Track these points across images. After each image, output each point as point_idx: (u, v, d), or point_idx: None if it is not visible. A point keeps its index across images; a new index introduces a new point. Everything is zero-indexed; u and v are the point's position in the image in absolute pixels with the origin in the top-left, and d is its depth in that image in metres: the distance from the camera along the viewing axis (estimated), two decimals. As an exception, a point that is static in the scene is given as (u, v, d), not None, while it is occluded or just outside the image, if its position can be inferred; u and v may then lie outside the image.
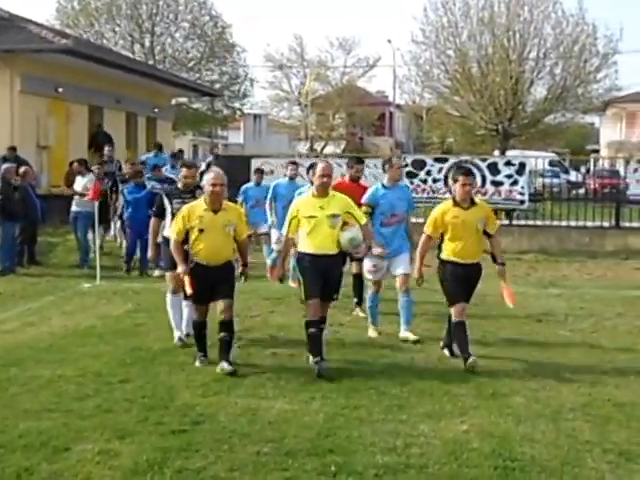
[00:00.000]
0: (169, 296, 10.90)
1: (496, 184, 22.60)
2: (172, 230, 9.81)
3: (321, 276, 9.53)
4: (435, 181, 22.63)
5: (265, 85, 65.99)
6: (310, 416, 7.79)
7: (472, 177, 10.14)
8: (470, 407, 8.14)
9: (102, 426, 7.39)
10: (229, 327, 9.43)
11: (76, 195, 18.79)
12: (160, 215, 10.93)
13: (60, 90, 27.00)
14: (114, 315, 13.01)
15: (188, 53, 50.24)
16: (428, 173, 22.67)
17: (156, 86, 33.59)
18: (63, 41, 25.67)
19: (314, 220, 9.56)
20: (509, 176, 22.45)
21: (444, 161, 23.42)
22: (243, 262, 9.94)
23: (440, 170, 22.81)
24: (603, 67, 38.90)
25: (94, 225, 17.72)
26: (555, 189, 28.13)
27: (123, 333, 11.59)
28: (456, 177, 10.03)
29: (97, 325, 12.21)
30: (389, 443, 7.04)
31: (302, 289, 9.65)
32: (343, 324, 12.03)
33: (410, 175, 22.53)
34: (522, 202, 22.71)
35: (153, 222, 11.06)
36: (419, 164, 23.11)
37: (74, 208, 18.72)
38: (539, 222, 23.75)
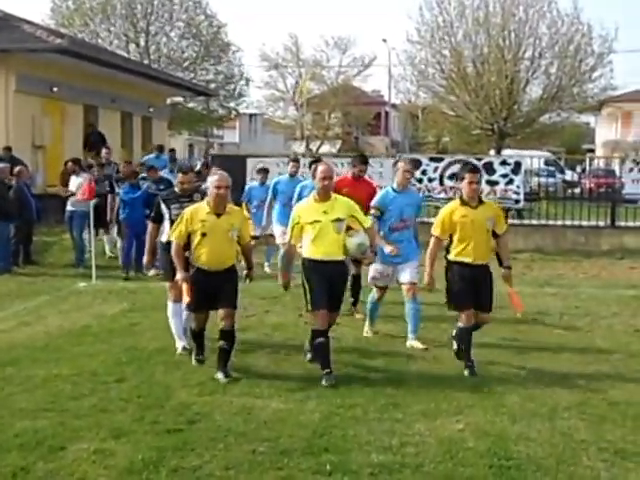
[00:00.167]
0: (170, 305, 10.53)
1: (491, 183, 22.58)
2: (173, 233, 9.46)
3: (328, 283, 9.17)
4: (430, 180, 22.63)
5: (260, 85, 66.06)
6: (305, 415, 7.80)
7: (479, 174, 9.77)
8: (465, 406, 8.15)
9: (98, 425, 7.39)
10: (229, 336, 9.19)
11: (70, 195, 18.73)
12: (158, 221, 10.57)
13: (55, 89, 26.97)
14: (110, 314, 13.00)
15: (183, 52, 50.27)
16: (423, 172, 22.65)
17: (151, 86, 33.58)
18: (58, 41, 25.64)
19: (318, 225, 9.17)
20: (504, 175, 22.45)
21: (439, 160, 23.44)
22: (248, 266, 9.72)
23: (435, 169, 22.83)
24: (598, 66, 38.92)
25: (90, 224, 17.67)
26: (551, 188, 28.16)
27: (119, 332, 11.58)
28: (462, 175, 9.62)
29: (93, 324, 12.20)
30: (384, 442, 7.05)
31: (308, 298, 9.26)
32: (339, 323, 11.98)
33: (405, 175, 22.51)
34: (517, 201, 22.71)
35: (151, 228, 10.73)
36: (414, 164, 23.08)
37: (69, 207, 18.68)
38: (534, 221, 23.76)
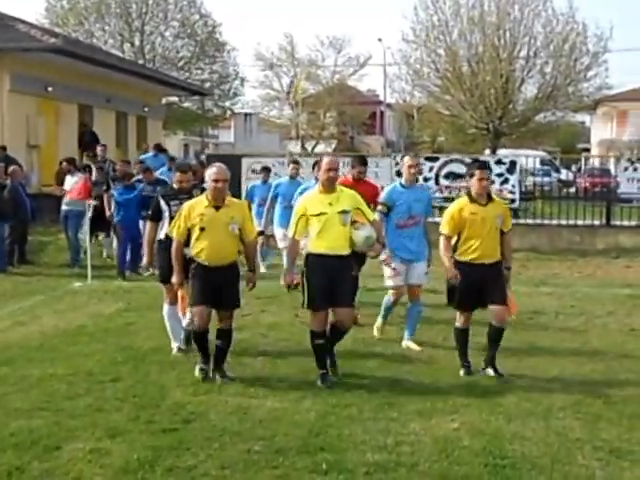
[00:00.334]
0: (166, 307, 10.42)
1: (487, 182, 22.63)
2: (173, 230, 9.23)
3: (330, 281, 8.83)
4: (426, 180, 22.62)
5: (255, 84, 65.96)
6: (301, 414, 7.80)
7: (489, 171, 9.50)
8: (461, 405, 8.16)
9: (93, 425, 7.39)
10: (227, 335, 9.10)
11: (65, 194, 18.69)
12: (156, 219, 10.33)
13: (50, 89, 26.97)
14: (105, 314, 13.00)
15: (178, 52, 50.21)
16: (419, 172, 22.65)
17: (146, 85, 33.59)
18: (52, 40, 25.66)
19: (324, 217, 8.87)
20: (500, 175, 22.48)
21: (435, 160, 23.47)
22: (250, 268, 9.34)
23: (431, 169, 22.88)
24: (593, 66, 38.91)
25: (85, 224, 17.64)
26: (546, 188, 28.19)
27: (114, 332, 11.58)
28: (472, 171, 9.36)
29: (88, 324, 12.20)
30: (380, 441, 7.06)
31: (305, 296, 8.97)
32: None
33: (400, 174, 22.51)
34: (513, 201, 22.70)
35: (149, 227, 10.51)
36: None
37: (64, 207, 18.64)
38: (530, 221, 23.78)
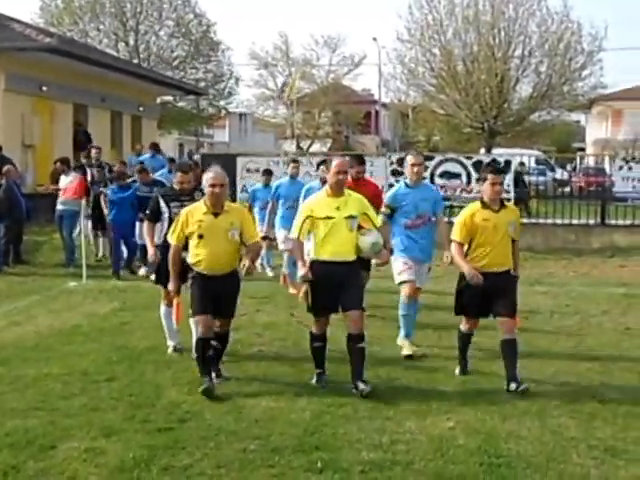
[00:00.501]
0: (163, 308, 10.33)
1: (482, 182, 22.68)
2: (172, 236, 8.95)
3: (336, 287, 8.55)
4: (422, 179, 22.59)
5: (250, 83, 65.99)
6: (296, 413, 7.81)
7: (502, 175, 9.21)
8: (456, 404, 8.17)
9: (88, 424, 7.39)
10: (224, 338, 9.02)
11: (59, 191, 18.68)
12: (154, 219, 10.18)
13: (44, 89, 26.96)
14: (100, 314, 13.00)
15: (173, 51, 50.12)
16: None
17: (141, 84, 33.57)
18: (47, 39, 25.65)
19: (331, 222, 8.59)
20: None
21: (430, 159, 23.44)
22: (250, 261, 8.79)
23: (426, 168, 22.82)
24: (588, 65, 38.88)
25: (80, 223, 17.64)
26: (541, 187, 28.23)
27: (109, 331, 11.59)
28: (484, 176, 9.05)
29: (83, 324, 12.20)
30: (375, 440, 7.07)
31: (308, 300, 8.77)
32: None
33: (395, 173, 22.62)
34: (508, 200, 22.69)
35: (147, 226, 10.36)
36: (404, 162, 23.17)
37: (59, 207, 18.64)
38: (525, 220, 23.75)
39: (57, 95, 27.86)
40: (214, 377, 8.79)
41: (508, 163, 22.96)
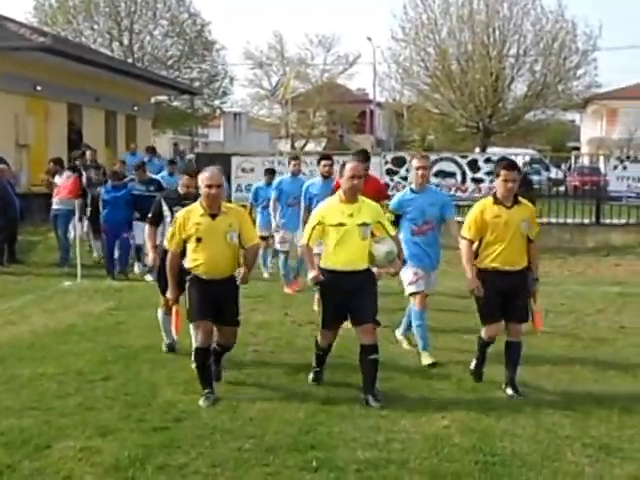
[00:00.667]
0: (160, 313, 10.21)
1: (476, 181, 22.77)
2: (170, 242, 8.54)
3: (347, 298, 8.28)
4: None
5: (245, 83, 66.09)
6: (291, 412, 7.81)
7: (517, 172, 8.61)
8: (451, 403, 8.17)
9: (84, 423, 7.39)
10: (227, 349, 8.85)
11: (54, 188, 18.64)
12: (156, 223, 10.03)
13: (39, 88, 26.92)
14: (95, 313, 12.98)
15: (167, 51, 50.13)
16: (408, 170, 22.71)
17: (135, 84, 33.54)
18: (41, 39, 25.63)
19: (343, 229, 8.24)
20: (489, 173, 22.50)
21: (425, 158, 23.49)
22: (247, 268, 8.32)
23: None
24: (583, 64, 38.92)
25: (75, 223, 17.61)
26: (536, 186, 28.24)
27: (104, 331, 11.57)
28: (497, 171, 8.63)
29: (78, 323, 12.18)
30: (370, 439, 7.07)
31: (320, 313, 8.60)
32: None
33: (390, 172, 22.71)
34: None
35: (148, 230, 10.20)
36: (399, 161, 23.26)
37: (54, 206, 18.63)
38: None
39: (51, 95, 27.82)
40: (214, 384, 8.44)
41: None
